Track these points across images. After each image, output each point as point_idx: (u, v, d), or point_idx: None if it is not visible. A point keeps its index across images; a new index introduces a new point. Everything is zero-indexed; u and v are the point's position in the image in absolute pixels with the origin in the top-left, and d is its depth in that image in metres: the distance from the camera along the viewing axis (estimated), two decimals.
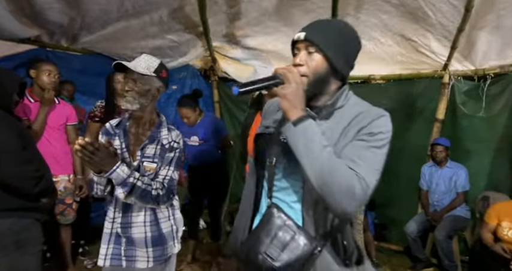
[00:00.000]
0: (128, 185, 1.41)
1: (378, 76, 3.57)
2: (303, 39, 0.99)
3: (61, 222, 2.65)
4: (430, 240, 3.45)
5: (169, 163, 1.53)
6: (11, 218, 1.63)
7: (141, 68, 1.51)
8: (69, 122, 2.70)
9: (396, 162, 3.48)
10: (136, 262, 1.55)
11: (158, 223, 1.58)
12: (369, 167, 0.92)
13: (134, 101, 1.51)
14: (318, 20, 1.06)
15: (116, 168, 1.38)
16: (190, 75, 4.29)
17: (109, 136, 1.59)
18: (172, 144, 1.55)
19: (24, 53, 3.20)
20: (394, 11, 2.91)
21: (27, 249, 1.68)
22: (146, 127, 1.59)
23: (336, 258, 1.02)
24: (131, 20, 3.20)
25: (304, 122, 0.92)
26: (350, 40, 1.05)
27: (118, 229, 1.56)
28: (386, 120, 0.99)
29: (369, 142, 0.94)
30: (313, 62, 0.99)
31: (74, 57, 3.54)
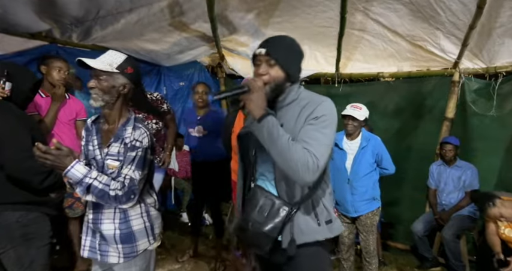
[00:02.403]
0: (83, 185, 1.42)
1: (387, 74, 3.53)
2: (264, 54, 1.29)
3: (70, 216, 2.70)
4: (437, 239, 3.42)
5: (131, 162, 1.48)
6: (19, 211, 1.67)
7: (103, 64, 1.48)
8: (78, 117, 2.74)
9: (404, 161, 3.46)
10: (108, 257, 1.57)
11: (128, 221, 1.56)
12: (318, 144, 1.21)
13: (98, 98, 1.49)
14: (273, 37, 1.37)
15: (70, 168, 1.39)
16: (198, 71, 4.31)
17: (88, 132, 1.61)
18: (134, 143, 1.50)
19: (36, 48, 3.26)
20: (404, 8, 2.88)
21: (35, 242, 1.72)
22: (115, 125, 1.56)
23: (309, 218, 1.34)
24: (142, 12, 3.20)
25: (265, 118, 1.21)
26: (298, 52, 1.38)
27: (91, 224, 1.59)
28: (327, 104, 1.30)
29: (315, 125, 1.25)
30: (273, 71, 1.30)
31: (84, 53, 3.57)
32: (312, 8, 3.09)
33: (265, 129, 1.21)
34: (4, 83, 1.72)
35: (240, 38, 3.77)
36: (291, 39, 1.38)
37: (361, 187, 2.61)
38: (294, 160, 1.17)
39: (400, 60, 3.43)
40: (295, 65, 1.36)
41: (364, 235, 2.70)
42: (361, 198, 2.62)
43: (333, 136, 1.27)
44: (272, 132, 1.20)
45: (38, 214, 1.73)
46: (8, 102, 1.73)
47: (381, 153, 2.65)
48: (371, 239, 2.68)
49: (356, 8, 2.98)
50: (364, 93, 3.69)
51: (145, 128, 1.56)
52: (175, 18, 3.38)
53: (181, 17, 3.37)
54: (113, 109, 1.55)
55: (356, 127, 2.62)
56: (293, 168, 1.18)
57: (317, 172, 1.19)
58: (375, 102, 3.63)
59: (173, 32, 3.58)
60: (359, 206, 2.64)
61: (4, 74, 1.72)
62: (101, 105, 1.51)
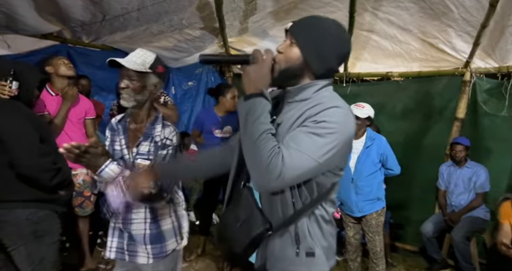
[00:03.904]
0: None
1: (396, 73, 3.50)
2: (289, 29, 1.07)
3: (79, 214, 2.73)
4: (446, 241, 3.37)
5: (162, 161, 1.48)
6: (29, 209, 1.69)
7: (135, 64, 1.46)
8: (87, 116, 2.77)
9: (412, 161, 3.42)
10: (137, 257, 1.56)
11: (158, 220, 1.55)
12: (297, 150, 0.92)
13: (130, 98, 1.48)
14: (311, 16, 1.09)
15: (104, 167, 1.37)
16: (206, 71, 4.32)
17: (113, 132, 1.60)
18: (164, 141, 1.49)
19: (47, 48, 3.31)
20: (415, 6, 2.84)
21: (45, 239, 1.75)
22: (143, 124, 1.55)
23: (287, 244, 1.07)
24: (151, 20, 3.24)
25: (254, 98, 0.98)
26: (334, 41, 1.05)
27: (119, 224, 1.59)
28: (335, 111, 0.97)
29: (309, 128, 0.96)
30: (290, 52, 1.05)
31: (94, 52, 3.62)
32: (319, 9, 3.08)
33: (246, 109, 0.97)
34: (11, 82, 1.74)
35: (247, 38, 3.78)
36: (330, 24, 1.06)
37: (366, 187, 2.60)
38: (258, 156, 0.92)
39: (409, 61, 3.39)
40: (323, 55, 1.03)
41: (370, 236, 2.68)
42: (366, 198, 2.62)
43: (327, 152, 0.94)
44: (252, 115, 0.96)
45: (47, 212, 1.76)
46: (16, 101, 1.75)
47: (386, 153, 2.64)
48: (377, 240, 2.67)
49: (364, 8, 2.96)
50: (372, 93, 3.66)
51: (174, 126, 1.56)
52: (182, 30, 3.42)
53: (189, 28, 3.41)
54: (142, 108, 1.53)
55: (359, 126, 2.58)
56: (254, 165, 0.94)
57: (277, 180, 0.91)
58: (383, 102, 3.60)
59: (182, 41, 3.62)
60: (363, 206, 2.63)
61: (11, 73, 1.74)
62: (133, 105, 1.50)
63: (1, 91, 1.72)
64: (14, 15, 2.77)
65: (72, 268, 2.76)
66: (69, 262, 2.79)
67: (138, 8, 3.03)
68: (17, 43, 3.07)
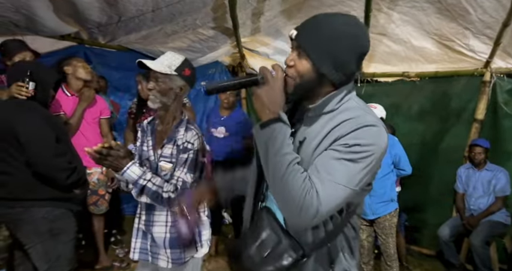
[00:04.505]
0: (138, 186, 1.44)
1: (413, 73, 3.42)
2: (294, 38, 0.93)
3: (94, 212, 2.78)
4: (465, 245, 3.29)
5: (183, 164, 1.47)
6: (45, 207, 1.73)
7: (162, 66, 1.47)
8: (102, 116, 2.82)
9: (429, 163, 3.35)
10: (159, 260, 1.57)
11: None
12: (332, 182, 0.83)
13: (156, 100, 1.49)
14: (318, 16, 0.94)
15: (126, 169, 1.41)
16: (219, 71, 4.33)
17: (143, 133, 1.63)
18: (186, 144, 1.48)
19: (65, 49, 3.38)
20: (431, 7, 2.77)
21: (61, 237, 1.78)
22: (169, 126, 1.56)
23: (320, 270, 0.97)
24: (165, 21, 3.26)
25: (272, 125, 0.87)
26: (350, 43, 0.91)
27: (142, 225, 1.60)
28: (368, 131, 0.86)
29: (341, 154, 0.85)
30: (301, 66, 0.91)
31: (110, 53, 3.68)
32: (332, 7, 3.04)
33: (264, 139, 0.87)
34: (28, 83, 1.78)
35: (260, 38, 3.77)
36: (342, 21, 0.92)
37: (379, 189, 2.56)
38: (286, 192, 0.82)
39: (424, 63, 3.32)
40: (340, 62, 0.90)
41: (384, 238, 2.64)
42: (379, 199, 2.59)
43: (363, 177, 0.86)
44: (273, 145, 0.85)
45: (63, 210, 1.80)
46: (33, 101, 1.79)
47: (398, 153, 2.61)
48: (391, 242, 2.63)
49: (379, 8, 2.91)
50: (387, 93, 3.59)
51: (197, 130, 1.55)
52: (196, 30, 3.43)
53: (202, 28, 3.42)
54: (168, 110, 1.54)
55: None
56: (283, 202, 0.84)
57: (314, 219, 0.82)
58: (399, 102, 3.53)
59: (196, 42, 3.63)
60: (377, 208, 2.60)
61: (27, 74, 1.78)
62: (159, 106, 1.51)
63: (18, 91, 1.76)
64: (33, 17, 2.84)
65: (88, 265, 2.81)
66: (84, 260, 2.84)
67: (153, 9, 3.05)
68: (36, 44, 3.12)
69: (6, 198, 1.73)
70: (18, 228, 1.75)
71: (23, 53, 2.32)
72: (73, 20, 3.16)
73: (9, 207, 1.73)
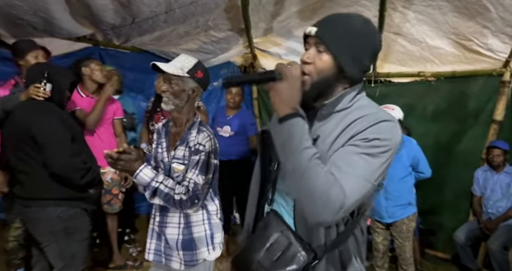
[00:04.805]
0: (150, 188, 1.45)
1: (429, 73, 3.35)
2: (314, 35, 0.93)
3: (108, 211, 2.82)
4: (482, 249, 3.20)
5: (194, 166, 1.48)
6: (60, 207, 1.76)
7: (175, 68, 1.49)
8: (116, 116, 2.86)
9: (445, 165, 3.27)
10: (172, 262, 1.58)
11: (190, 227, 1.55)
12: (353, 175, 0.83)
13: (169, 102, 1.51)
14: (334, 14, 0.97)
15: (138, 172, 1.43)
16: (230, 71, 4.34)
17: (158, 135, 1.65)
18: (197, 146, 1.49)
19: (80, 50, 3.45)
20: (448, 5, 2.70)
21: (75, 236, 1.81)
22: (182, 128, 1.57)
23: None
24: (178, 22, 3.29)
25: (290, 120, 0.86)
26: (366, 40, 0.94)
27: (156, 227, 1.62)
28: (386, 126, 0.88)
29: (360, 148, 0.85)
30: (321, 62, 0.92)
31: (124, 54, 3.73)
32: (347, 8, 3.01)
33: (283, 133, 0.86)
34: (45, 84, 1.82)
35: (272, 38, 3.76)
36: (361, 20, 0.95)
37: (396, 192, 2.51)
38: (310, 187, 0.81)
39: (439, 65, 3.25)
40: (357, 57, 0.92)
41: (400, 242, 2.59)
42: (396, 203, 2.53)
43: (381, 172, 0.87)
44: (292, 139, 0.84)
45: (77, 210, 1.83)
46: (50, 102, 1.83)
47: (417, 156, 2.55)
48: (407, 246, 2.58)
49: (394, 7, 2.85)
50: (402, 94, 3.52)
51: (209, 131, 1.56)
52: (208, 31, 3.46)
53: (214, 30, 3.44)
54: (182, 112, 1.56)
55: None
56: (306, 198, 0.82)
57: (339, 213, 0.81)
58: (414, 103, 3.46)
59: (208, 43, 3.66)
60: (394, 211, 2.55)
61: (44, 75, 1.82)
62: (172, 109, 1.53)
63: (36, 93, 1.79)
64: (51, 20, 2.90)
65: (102, 264, 2.85)
66: (98, 258, 2.88)
67: (166, 11, 3.08)
68: (54, 46, 3.20)
69: (23, 197, 1.78)
70: (34, 226, 1.79)
71: (35, 51, 2.34)
72: (88, 22, 3.21)
73: (25, 206, 1.78)
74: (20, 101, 1.85)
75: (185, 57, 1.55)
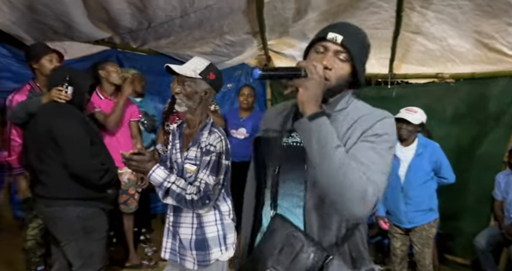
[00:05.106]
0: (163, 188, 1.49)
1: (447, 74, 3.27)
2: (339, 42, 0.97)
3: (124, 211, 2.87)
4: (504, 255, 3.10)
5: (206, 167, 1.50)
6: (79, 206, 1.81)
7: (187, 70, 1.52)
8: (132, 118, 2.91)
9: (465, 169, 3.18)
10: (186, 262, 1.60)
11: (203, 227, 1.57)
12: (378, 169, 0.88)
13: (182, 103, 1.55)
14: (349, 25, 1.04)
15: (151, 172, 1.47)
16: (245, 73, 4.36)
17: (173, 137, 1.69)
18: (208, 147, 1.51)
19: (98, 53, 3.52)
20: (469, 4, 2.64)
21: (94, 235, 1.85)
22: (195, 129, 1.60)
23: (346, 268, 0.98)
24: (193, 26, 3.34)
25: (320, 118, 0.88)
26: (368, 52, 1.05)
27: (171, 227, 1.64)
28: (391, 122, 0.97)
29: (375, 144, 0.91)
30: (342, 70, 0.98)
31: (141, 57, 3.79)
32: (363, 10, 2.98)
33: (316, 132, 0.87)
34: (66, 87, 1.87)
35: (287, 40, 3.76)
36: (365, 34, 1.05)
37: (417, 197, 2.45)
38: (348, 184, 0.84)
39: (459, 64, 3.17)
40: (364, 67, 1.04)
41: (419, 248, 2.52)
42: (417, 208, 2.46)
43: (391, 164, 0.94)
44: (326, 139, 0.86)
45: (95, 210, 1.87)
46: (70, 105, 1.88)
47: (439, 160, 2.47)
48: (426, 252, 2.50)
49: (412, 7, 2.81)
50: (419, 95, 3.45)
51: (221, 133, 1.58)
52: (223, 36, 3.50)
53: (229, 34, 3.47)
54: (195, 114, 1.59)
55: (410, 132, 2.46)
56: (345, 194, 0.84)
57: (373, 207, 0.86)
58: (432, 105, 3.37)
59: (222, 47, 3.70)
60: (414, 217, 2.48)
61: (66, 79, 1.87)
62: (184, 110, 1.57)
63: (58, 96, 1.85)
64: (71, 24, 2.98)
65: (118, 263, 2.90)
66: (116, 257, 2.93)
67: (181, 15, 3.13)
68: (73, 49, 3.29)
69: (44, 197, 1.83)
70: (54, 225, 1.84)
71: (49, 55, 2.39)
72: (106, 26, 3.29)
73: (46, 205, 1.82)
74: (42, 104, 1.91)
75: (198, 59, 1.58)
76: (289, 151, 1.02)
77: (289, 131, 1.05)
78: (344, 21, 1.06)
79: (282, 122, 1.09)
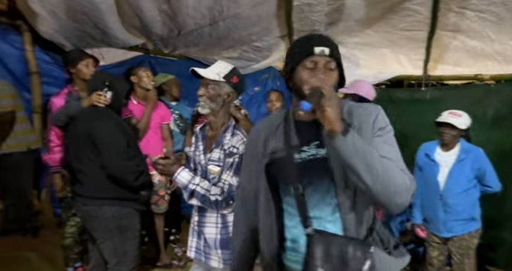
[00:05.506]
0: (188, 190, 1.54)
1: (487, 76, 3.11)
2: (328, 54, 1.03)
3: (155, 211, 2.94)
4: None
5: (229, 168, 1.53)
6: (115, 206, 1.87)
7: (211, 73, 1.56)
8: (164, 121, 2.98)
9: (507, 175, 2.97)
10: (211, 260, 1.63)
11: (227, 227, 1.60)
12: (398, 159, 0.98)
13: (205, 106, 1.59)
14: (322, 35, 1.11)
15: (177, 175, 1.53)
16: (272, 76, 4.35)
17: (196, 139, 1.72)
18: (231, 149, 1.54)
19: (132, 59, 3.65)
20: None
21: (128, 234, 1.92)
22: (218, 131, 1.63)
23: (381, 251, 1.06)
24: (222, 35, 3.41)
25: (351, 131, 0.94)
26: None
27: (196, 226, 1.68)
28: (383, 112, 1.06)
29: (384, 137, 1.01)
30: (333, 79, 1.05)
31: (172, 62, 3.90)
32: (396, 14, 2.91)
33: (353, 144, 0.92)
34: (106, 92, 1.95)
35: None
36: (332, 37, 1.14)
37: (457, 206, 2.31)
38: (393, 181, 0.92)
39: (501, 63, 2.99)
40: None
41: (458, 259, 2.37)
42: (457, 217, 2.32)
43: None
44: (362, 148, 0.92)
45: (130, 210, 1.93)
46: (109, 109, 1.97)
47: (483, 167, 2.32)
48: (467, 263, 2.35)
49: (449, 8, 2.70)
50: (456, 98, 3.29)
51: (244, 135, 1.61)
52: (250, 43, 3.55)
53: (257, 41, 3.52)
54: (217, 116, 1.63)
55: (454, 137, 2.33)
56: (394, 191, 0.93)
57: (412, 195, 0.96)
58: (470, 108, 3.18)
59: (250, 52, 3.76)
60: (453, 226, 2.34)
61: (106, 84, 1.95)
62: (207, 112, 1.61)
63: (98, 100, 1.93)
64: (107, 30, 3.13)
65: (149, 262, 2.97)
66: (147, 256, 3.00)
67: (210, 23, 3.20)
68: (110, 55, 3.45)
69: (82, 196, 1.91)
70: (91, 224, 1.92)
71: (86, 60, 2.51)
72: (139, 32, 3.42)
73: (84, 204, 1.91)
74: (82, 107, 2.01)
75: (222, 63, 1.63)
76: (307, 166, 1.05)
77: (297, 146, 1.08)
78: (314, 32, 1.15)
79: (283, 140, 1.10)
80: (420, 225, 2.53)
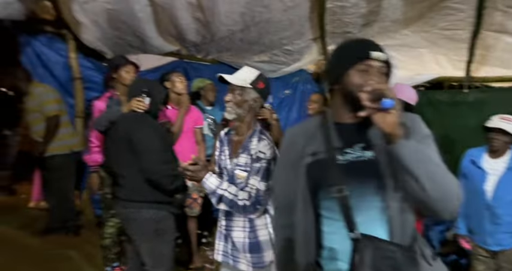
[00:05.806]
0: (216, 195, 1.54)
1: None
2: (384, 60, 1.05)
3: (188, 214, 2.99)
4: None
5: (256, 173, 1.54)
6: (152, 209, 1.92)
7: (238, 79, 1.58)
8: (196, 125, 3.03)
9: None
10: (239, 264, 1.63)
11: (255, 231, 1.60)
12: (446, 166, 0.95)
13: (232, 111, 1.60)
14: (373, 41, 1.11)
15: (205, 180, 1.54)
16: (303, 80, 4.31)
17: (221, 143, 1.74)
18: (258, 154, 1.55)
19: (167, 64, 3.77)
20: None
21: (164, 237, 1.96)
22: (244, 136, 1.64)
23: (422, 260, 1.01)
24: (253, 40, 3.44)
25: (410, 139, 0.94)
26: None
27: (223, 230, 1.69)
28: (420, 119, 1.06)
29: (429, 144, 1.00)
30: (386, 82, 1.05)
31: (205, 67, 3.97)
32: (435, 12, 2.79)
33: (415, 150, 0.92)
34: (144, 98, 2.02)
35: None
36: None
37: (507, 216, 2.15)
38: (449, 187, 0.92)
39: None
40: None
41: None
42: (507, 229, 2.15)
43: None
44: (423, 152, 0.93)
45: (166, 213, 1.97)
46: (148, 114, 2.03)
47: None
48: None
49: (495, 7, 2.55)
50: (502, 100, 3.09)
51: (270, 139, 1.61)
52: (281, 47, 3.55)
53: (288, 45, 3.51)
54: (243, 122, 1.64)
55: (505, 143, 2.18)
56: (447, 196, 0.92)
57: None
58: None
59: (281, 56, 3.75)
60: (503, 239, 2.18)
61: (144, 90, 2.02)
62: (234, 118, 1.63)
63: (137, 105, 2.00)
64: (144, 38, 3.25)
65: (182, 264, 3.01)
66: (180, 259, 3.05)
67: (242, 29, 3.22)
68: (146, 60, 3.57)
69: (122, 198, 1.98)
70: (130, 226, 1.98)
71: (127, 66, 2.63)
72: (174, 39, 3.52)
73: (123, 207, 1.97)
74: (122, 113, 2.09)
75: (248, 69, 1.64)
76: (352, 168, 1.02)
77: (340, 148, 1.05)
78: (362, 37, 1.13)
79: (324, 143, 1.07)
80: (465, 236, 2.38)
